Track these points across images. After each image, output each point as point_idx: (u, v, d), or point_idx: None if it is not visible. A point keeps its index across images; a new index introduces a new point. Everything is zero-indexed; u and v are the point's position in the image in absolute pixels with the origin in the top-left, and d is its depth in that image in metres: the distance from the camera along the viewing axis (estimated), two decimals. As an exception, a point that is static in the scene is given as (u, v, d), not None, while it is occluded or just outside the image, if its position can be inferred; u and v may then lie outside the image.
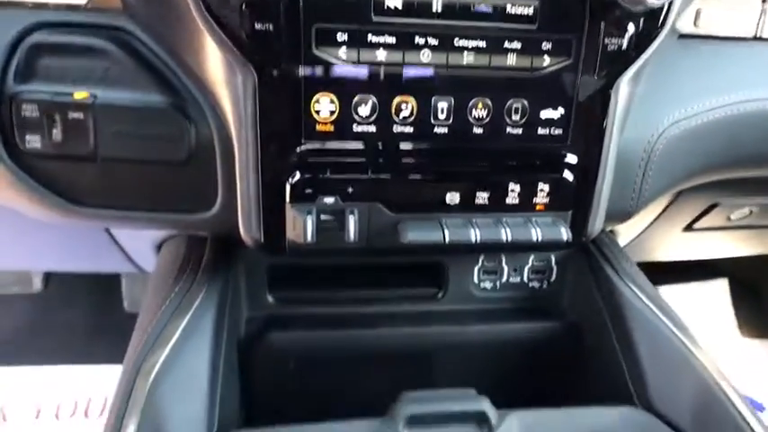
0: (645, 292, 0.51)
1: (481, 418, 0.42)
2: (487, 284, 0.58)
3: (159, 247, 0.59)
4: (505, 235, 0.44)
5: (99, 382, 1.09)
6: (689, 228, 0.70)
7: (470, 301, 0.58)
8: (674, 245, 0.78)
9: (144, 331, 0.43)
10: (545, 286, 0.59)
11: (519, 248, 0.52)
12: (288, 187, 0.42)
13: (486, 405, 0.43)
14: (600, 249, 0.56)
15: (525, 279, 0.58)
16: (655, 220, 0.61)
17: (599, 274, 0.55)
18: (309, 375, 0.55)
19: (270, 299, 0.55)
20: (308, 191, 0.42)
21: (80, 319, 1.17)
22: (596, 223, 0.48)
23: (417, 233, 0.43)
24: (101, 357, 1.11)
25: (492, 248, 0.52)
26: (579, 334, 0.56)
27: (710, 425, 0.43)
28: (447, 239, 0.43)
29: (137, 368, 0.40)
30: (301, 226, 0.42)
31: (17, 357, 1.10)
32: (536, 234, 0.45)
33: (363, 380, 0.55)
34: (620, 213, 0.51)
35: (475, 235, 0.44)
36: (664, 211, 0.64)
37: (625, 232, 0.69)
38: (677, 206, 0.63)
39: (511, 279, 0.58)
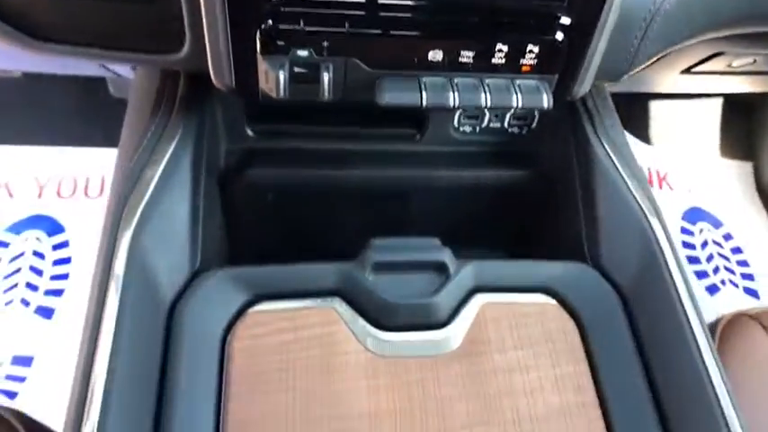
0: (619, 153, 0.52)
1: (441, 267, 0.47)
2: (467, 128, 0.58)
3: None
4: (485, 100, 0.43)
5: (95, 162, 1.14)
6: (687, 71, 0.67)
7: (449, 144, 0.59)
8: (670, 83, 0.76)
9: (124, 174, 0.45)
10: (525, 133, 0.59)
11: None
12: (258, 36, 0.40)
13: (446, 256, 0.47)
14: (584, 102, 0.55)
15: (506, 125, 0.58)
16: (651, 63, 0.59)
17: (578, 126, 0.55)
18: (287, 211, 0.58)
19: (249, 132, 0.56)
20: (281, 42, 0.40)
21: (67, 101, 1.17)
22: (583, 87, 0.46)
23: (395, 94, 0.42)
24: (93, 141, 1.14)
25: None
26: (550, 185, 0.58)
27: (647, 290, 0.47)
28: (425, 103, 0.43)
29: (118, 216, 0.42)
30: (273, 80, 0.41)
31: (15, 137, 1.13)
32: (517, 100, 0.44)
33: (340, 218, 0.58)
34: (611, 75, 0.49)
35: (453, 99, 0.43)
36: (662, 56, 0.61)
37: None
38: (677, 53, 0.60)
39: (491, 124, 0.58)
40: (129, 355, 0.39)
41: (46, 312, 0.93)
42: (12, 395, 0.86)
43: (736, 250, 1.18)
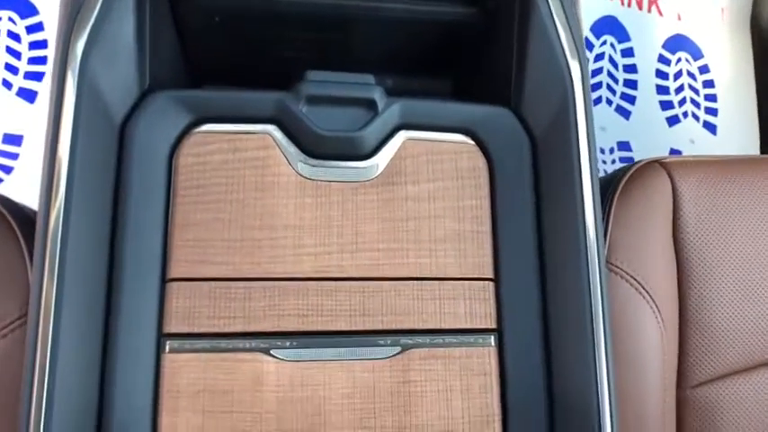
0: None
1: (371, 104, 0.51)
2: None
3: None
4: None
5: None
6: None
7: None
8: None
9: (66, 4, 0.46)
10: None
11: None
12: None
13: (376, 94, 0.51)
14: None
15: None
16: None
17: None
18: (234, 34, 0.59)
19: None
20: None
21: None
22: None
23: None
24: None
25: None
26: (493, 26, 0.59)
27: (554, 139, 0.52)
28: None
29: (68, 38, 0.45)
30: None
31: None
32: None
33: (284, 45, 0.60)
34: None
35: None
36: None
37: None
38: None
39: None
40: (85, 168, 0.45)
41: (29, 95, 0.98)
42: (8, 170, 0.95)
43: (708, 84, 1.19)
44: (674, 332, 0.60)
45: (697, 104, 1.17)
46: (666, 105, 1.16)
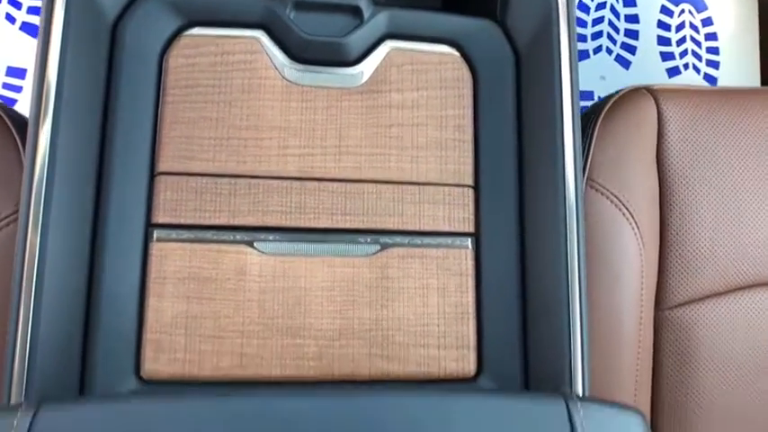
0: None
1: (357, 11, 0.52)
2: None
3: None
4: None
5: None
6: None
7: None
8: None
9: None
10: None
11: None
12: None
13: (363, 2, 0.52)
14: None
15: None
16: None
17: None
18: None
19: None
20: None
21: None
22: None
23: None
24: None
25: None
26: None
27: (537, 54, 0.53)
28: None
29: None
30: None
31: None
32: None
33: None
34: None
35: None
36: None
37: None
38: None
39: None
40: (76, 66, 0.46)
41: (32, 30, 0.99)
42: (11, 102, 0.97)
43: (711, 36, 1.18)
44: (654, 253, 0.62)
45: (698, 57, 1.17)
46: (667, 56, 1.15)
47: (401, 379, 0.48)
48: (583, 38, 1.12)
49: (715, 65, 1.18)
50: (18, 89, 0.97)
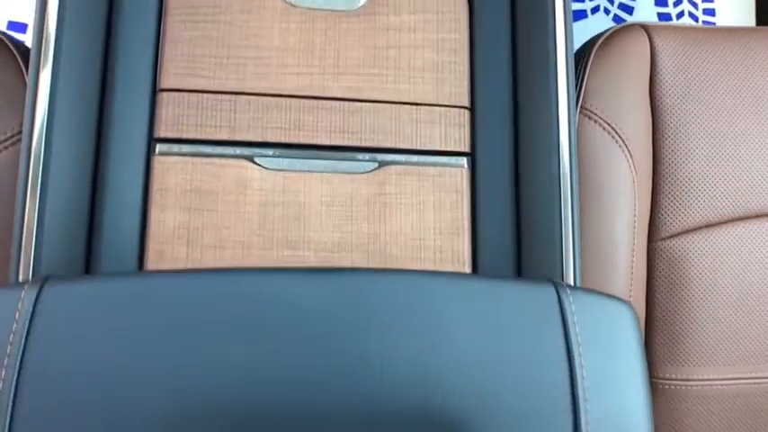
0: None
1: (355, -65, 0.53)
2: None
3: None
4: None
5: None
6: None
7: None
8: None
9: None
10: None
11: None
12: None
13: None
14: None
15: None
16: None
17: None
18: None
19: None
20: None
21: None
22: None
23: None
24: None
25: None
26: None
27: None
28: None
29: None
30: None
31: None
32: None
33: None
34: None
35: None
36: None
37: None
38: None
39: None
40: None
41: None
42: (13, 57, 0.98)
43: (708, -3, 1.19)
44: (646, 183, 0.63)
45: (694, 4, 1.17)
46: (664, 17, 1.16)
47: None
48: (580, -3, 1.12)
49: (711, 12, 1.18)
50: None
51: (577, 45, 0.65)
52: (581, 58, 0.62)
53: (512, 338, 0.36)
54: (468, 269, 0.51)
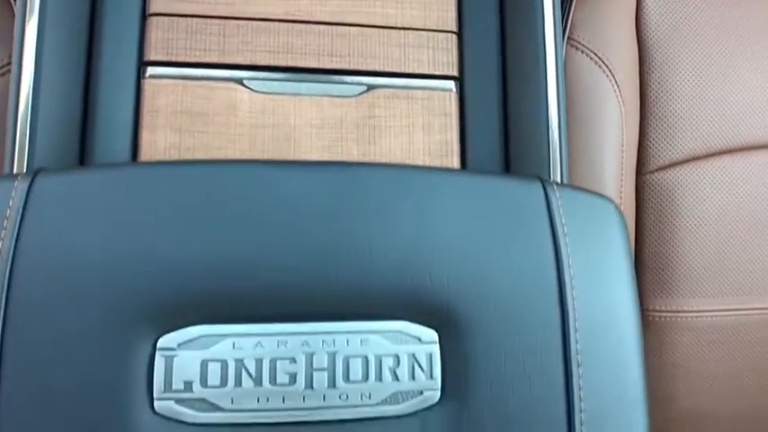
0: None
1: None
2: None
3: None
4: None
5: None
6: None
7: None
8: None
9: None
10: None
11: None
12: None
13: None
14: None
15: None
16: None
17: None
18: None
19: None
20: None
21: None
22: None
23: None
24: None
25: None
26: None
27: None
28: None
29: None
30: None
31: None
32: None
33: None
34: None
35: None
36: None
37: None
38: None
39: None
40: None
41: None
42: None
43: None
44: (634, 115, 0.64)
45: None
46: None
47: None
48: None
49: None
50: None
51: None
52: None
53: (498, 229, 0.37)
54: (457, 190, 0.51)
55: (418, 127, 0.52)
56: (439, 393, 0.34)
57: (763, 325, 0.67)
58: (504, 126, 0.53)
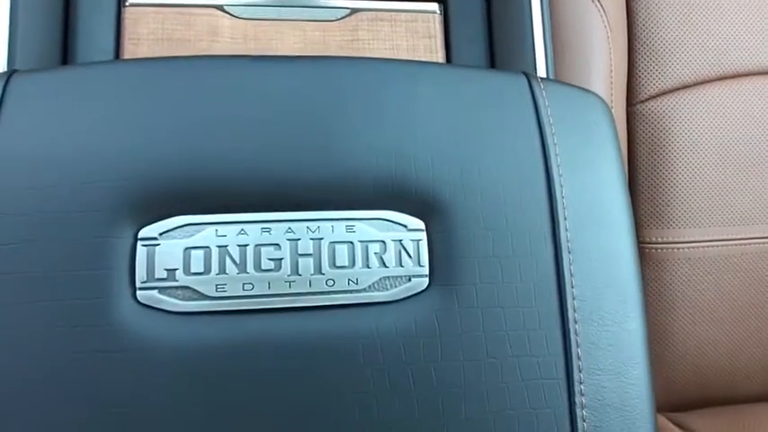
0: None
1: None
2: None
3: None
4: None
5: None
6: None
7: None
8: None
9: None
10: None
11: None
12: None
13: None
14: None
15: None
16: None
17: None
18: None
19: None
20: None
21: None
22: None
23: None
24: None
25: None
26: None
27: None
28: None
29: None
30: None
31: None
32: None
33: None
34: None
35: None
36: None
37: None
38: None
39: None
40: None
41: None
42: None
43: None
44: (622, 43, 0.63)
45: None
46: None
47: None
48: None
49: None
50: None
51: None
52: None
53: (483, 119, 0.37)
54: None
55: (402, 49, 0.51)
56: (427, 280, 0.34)
57: (763, 254, 0.66)
58: (491, 50, 0.53)
